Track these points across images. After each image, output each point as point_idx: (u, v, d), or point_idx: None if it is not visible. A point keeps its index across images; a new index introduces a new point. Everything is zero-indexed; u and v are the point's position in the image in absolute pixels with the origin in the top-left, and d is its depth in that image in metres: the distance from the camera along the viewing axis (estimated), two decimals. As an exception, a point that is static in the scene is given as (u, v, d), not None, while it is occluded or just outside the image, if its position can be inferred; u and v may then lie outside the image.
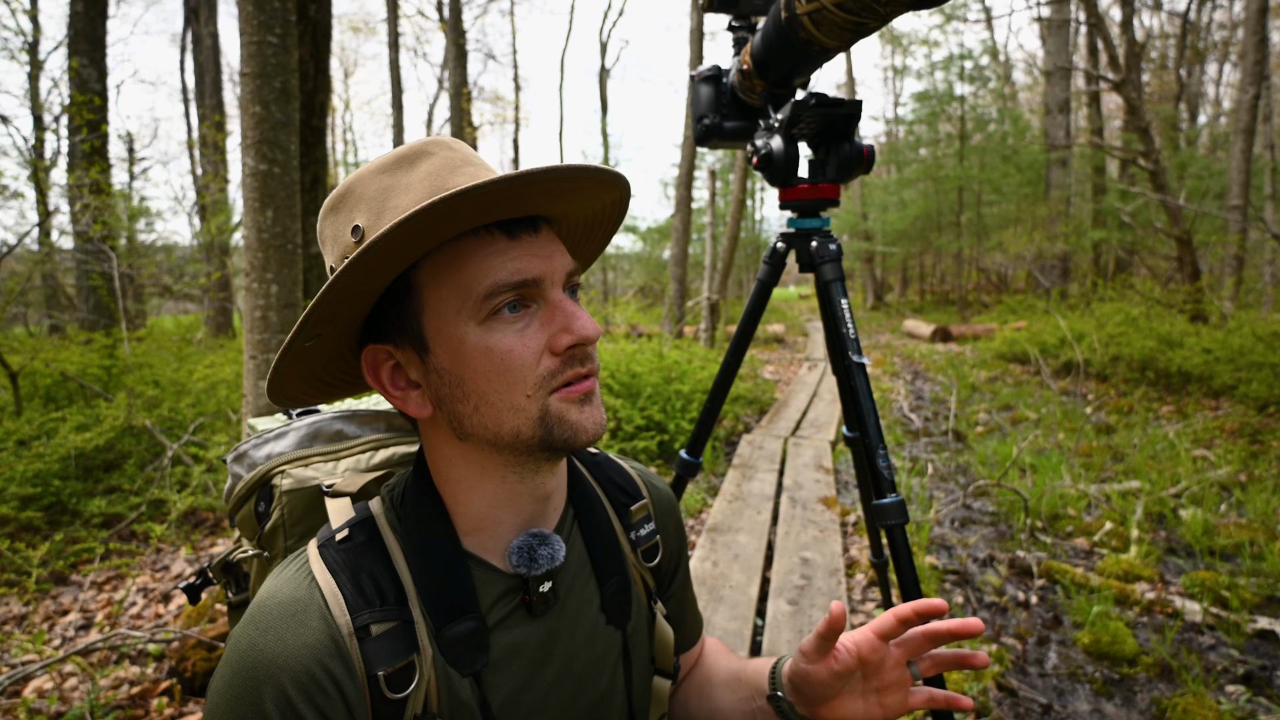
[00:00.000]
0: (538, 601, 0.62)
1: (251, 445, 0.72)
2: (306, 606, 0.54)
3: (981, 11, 16.73)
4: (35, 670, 1.98)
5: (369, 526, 0.60)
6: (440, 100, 24.15)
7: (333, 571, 0.56)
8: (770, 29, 0.98)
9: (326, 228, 0.62)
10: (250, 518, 0.71)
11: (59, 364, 4.54)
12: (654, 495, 0.80)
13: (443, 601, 0.58)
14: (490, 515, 0.62)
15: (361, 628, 0.54)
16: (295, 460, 0.70)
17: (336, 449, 0.73)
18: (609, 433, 4.45)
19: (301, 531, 0.69)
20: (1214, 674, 2.19)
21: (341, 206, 0.60)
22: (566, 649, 0.64)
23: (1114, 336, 7.19)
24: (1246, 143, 7.97)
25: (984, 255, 16.43)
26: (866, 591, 2.81)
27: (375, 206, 0.57)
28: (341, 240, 0.59)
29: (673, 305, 8.96)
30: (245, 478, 0.71)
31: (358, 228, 0.57)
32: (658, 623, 0.74)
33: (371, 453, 0.73)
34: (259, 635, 0.52)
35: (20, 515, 3.05)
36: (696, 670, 0.88)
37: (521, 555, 0.61)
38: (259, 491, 0.70)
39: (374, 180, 0.58)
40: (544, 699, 0.62)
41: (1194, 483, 3.68)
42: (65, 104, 8.02)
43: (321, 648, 0.52)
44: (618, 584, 0.69)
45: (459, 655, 0.57)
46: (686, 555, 0.84)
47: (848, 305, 1.11)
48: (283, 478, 0.69)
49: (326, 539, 0.59)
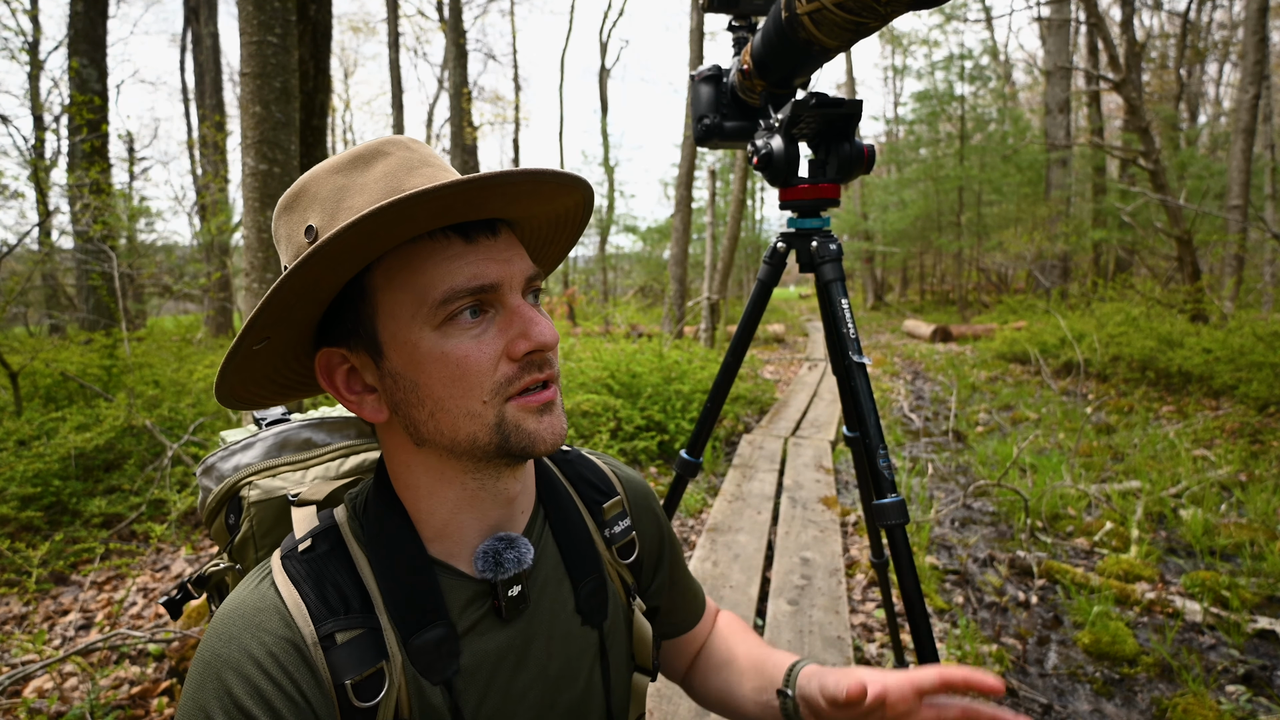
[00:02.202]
0: (507, 606, 0.61)
1: (219, 457, 0.71)
2: (267, 614, 0.54)
3: (981, 11, 16.74)
4: (35, 670, 1.98)
5: (332, 535, 0.60)
6: (440, 100, 24.17)
7: (295, 582, 0.56)
8: (770, 29, 0.98)
9: (280, 226, 0.60)
10: (222, 530, 0.70)
11: (59, 364, 4.54)
12: (628, 490, 0.79)
13: (410, 610, 0.57)
14: (453, 520, 0.61)
15: (326, 636, 0.54)
16: (263, 471, 0.69)
17: (305, 458, 0.71)
18: (609, 433, 4.45)
19: (271, 543, 0.67)
20: (1214, 674, 2.19)
21: (295, 205, 0.58)
22: (540, 652, 0.64)
23: (1114, 336, 7.19)
24: (1247, 142, 7.97)
25: (984, 255, 16.43)
26: (867, 591, 2.81)
27: (329, 207, 0.56)
28: (295, 240, 0.58)
29: (673, 305, 8.96)
30: (214, 490, 0.70)
31: (311, 228, 0.56)
32: (636, 620, 0.73)
33: (341, 460, 0.72)
34: (219, 644, 0.52)
35: (20, 515, 3.05)
36: (714, 647, 0.87)
37: (487, 560, 0.60)
38: (228, 504, 0.69)
39: (328, 180, 0.57)
40: (519, 703, 0.61)
41: (1194, 483, 3.68)
42: (65, 104, 8.02)
43: (280, 651, 0.52)
44: (592, 583, 0.68)
45: (429, 663, 0.57)
46: (672, 541, 0.83)
47: (848, 305, 1.11)
48: (250, 489, 0.68)
49: (290, 549, 0.59)
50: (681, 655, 0.87)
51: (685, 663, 0.88)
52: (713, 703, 0.85)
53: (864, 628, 2.54)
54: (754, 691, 0.78)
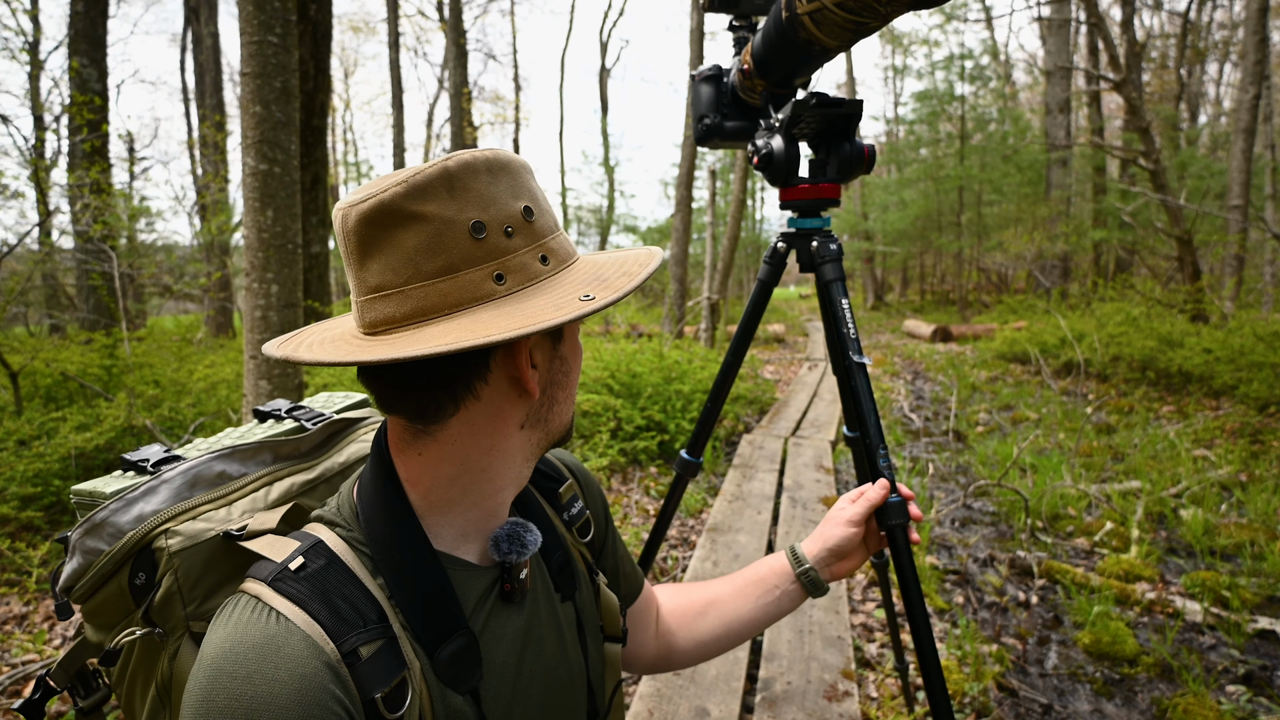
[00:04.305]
0: (517, 589, 0.64)
1: (110, 511, 0.60)
2: (286, 640, 0.49)
3: (982, 11, 16.73)
4: (36, 670, 1.98)
5: (323, 549, 0.57)
6: (440, 100, 24.16)
7: (299, 602, 0.52)
8: (771, 29, 0.98)
9: (478, 182, 0.57)
10: (120, 595, 0.59)
11: (59, 364, 4.54)
12: (576, 474, 0.85)
13: (431, 621, 0.57)
14: (489, 504, 0.64)
15: (350, 652, 0.51)
16: (180, 515, 0.61)
17: (224, 492, 0.65)
18: (609, 433, 4.45)
19: (204, 593, 0.59)
20: (1214, 674, 2.19)
21: (502, 174, 0.61)
22: (539, 633, 0.66)
23: (1114, 336, 7.19)
24: (1247, 142, 7.97)
25: (984, 255, 16.42)
26: (867, 591, 2.81)
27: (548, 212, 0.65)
28: (506, 208, 0.58)
29: (673, 305, 8.96)
30: (109, 550, 0.58)
31: (529, 210, 0.60)
32: (602, 592, 0.78)
33: (266, 488, 0.67)
34: (241, 685, 0.46)
35: (21, 515, 3.05)
36: (681, 602, 0.94)
37: (512, 543, 0.63)
38: (133, 561, 0.59)
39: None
40: (528, 684, 0.63)
41: (1194, 483, 3.68)
42: (66, 104, 8.03)
43: (321, 674, 0.49)
44: (560, 558, 0.73)
45: (455, 674, 0.57)
46: (610, 516, 0.88)
47: (848, 305, 1.11)
48: (168, 537, 0.59)
49: (276, 573, 0.53)
50: (644, 625, 0.91)
51: (650, 631, 0.92)
52: (709, 645, 0.91)
53: (864, 628, 2.54)
54: (759, 602, 0.89)
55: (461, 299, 0.55)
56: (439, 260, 0.54)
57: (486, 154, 0.58)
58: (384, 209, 0.54)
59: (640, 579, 0.91)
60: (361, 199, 0.54)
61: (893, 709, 2.03)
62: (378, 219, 0.54)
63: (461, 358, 0.56)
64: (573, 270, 0.61)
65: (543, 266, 0.59)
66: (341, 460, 0.74)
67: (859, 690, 2.07)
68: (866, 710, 2.03)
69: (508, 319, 0.52)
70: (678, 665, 0.93)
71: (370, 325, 0.56)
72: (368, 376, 0.58)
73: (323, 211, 4.32)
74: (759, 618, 0.90)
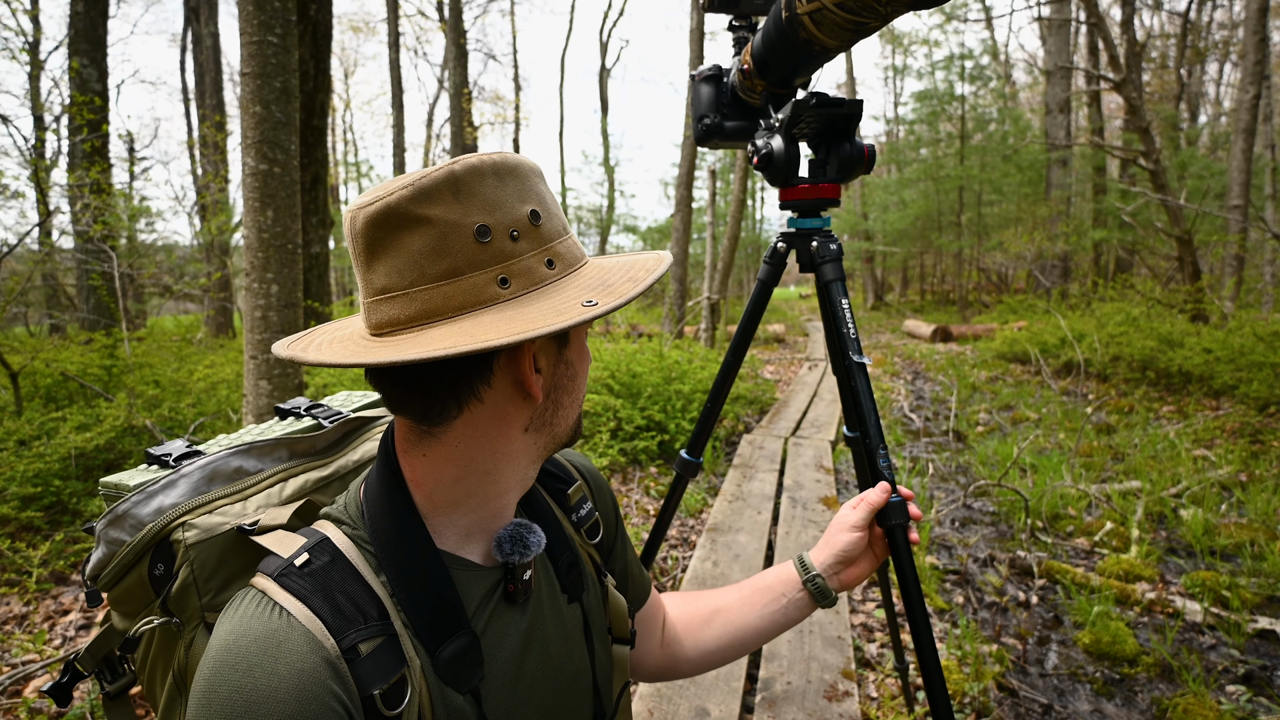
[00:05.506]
0: (520, 590, 0.64)
1: (132, 503, 0.62)
2: (287, 634, 0.50)
3: (981, 11, 16.72)
4: (36, 670, 1.99)
5: (328, 546, 0.58)
6: (440, 100, 24.15)
7: (302, 597, 0.53)
8: (771, 29, 0.98)
9: (484, 185, 0.57)
10: (140, 585, 0.62)
11: (59, 364, 4.54)
12: (586, 475, 0.84)
13: (433, 621, 0.57)
14: (493, 506, 0.64)
15: (349, 648, 0.52)
16: (197, 509, 0.63)
17: (240, 488, 0.67)
18: (609, 433, 4.45)
19: (218, 585, 0.62)
20: (1214, 674, 2.19)
21: (510, 177, 0.59)
22: (542, 634, 0.66)
23: (1114, 336, 7.19)
24: (1247, 142, 7.97)
25: (984, 255, 16.42)
26: (867, 591, 2.81)
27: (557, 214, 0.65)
28: (512, 211, 0.58)
29: (673, 305, 8.97)
30: (130, 541, 0.61)
31: (536, 213, 0.60)
32: (610, 594, 0.78)
33: (281, 484, 0.69)
34: (241, 677, 0.48)
35: (21, 515, 3.04)
36: (688, 608, 0.93)
37: (515, 544, 0.63)
38: (153, 552, 0.61)
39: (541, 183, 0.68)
40: (530, 685, 0.64)
41: (1194, 483, 3.68)
42: (66, 104, 8.03)
43: (320, 669, 0.50)
44: (568, 559, 0.73)
45: (456, 674, 0.57)
46: (620, 518, 0.88)
47: (848, 305, 1.11)
48: (185, 530, 0.61)
49: (282, 568, 0.55)
50: (650, 632, 0.91)
51: (657, 638, 0.91)
52: (715, 653, 0.90)
53: (864, 628, 2.54)
54: (766, 609, 0.89)
55: (465, 302, 0.55)
56: (443, 263, 0.54)
57: (494, 157, 0.58)
58: (390, 212, 0.54)
59: (648, 584, 0.91)
60: (369, 202, 0.55)
61: (893, 709, 2.03)
62: (384, 222, 0.54)
63: (464, 361, 0.56)
64: (579, 274, 0.62)
65: (548, 270, 0.59)
66: (355, 458, 0.76)
67: (859, 690, 2.07)
68: (866, 710, 2.03)
69: (509, 323, 0.53)
70: (683, 674, 0.93)
71: (376, 327, 0.57)
72: (375, 377, 0.59)
73: (323, 211, 4.32)
74: (766, 626, 0.89)
